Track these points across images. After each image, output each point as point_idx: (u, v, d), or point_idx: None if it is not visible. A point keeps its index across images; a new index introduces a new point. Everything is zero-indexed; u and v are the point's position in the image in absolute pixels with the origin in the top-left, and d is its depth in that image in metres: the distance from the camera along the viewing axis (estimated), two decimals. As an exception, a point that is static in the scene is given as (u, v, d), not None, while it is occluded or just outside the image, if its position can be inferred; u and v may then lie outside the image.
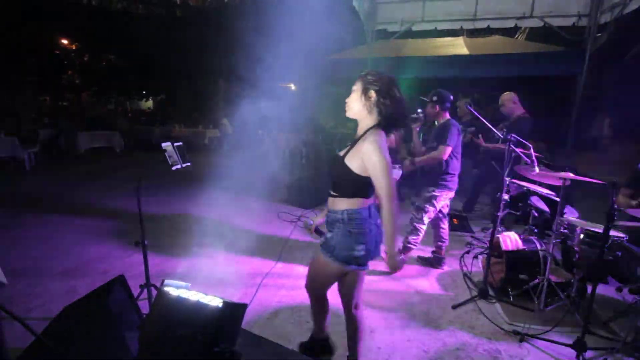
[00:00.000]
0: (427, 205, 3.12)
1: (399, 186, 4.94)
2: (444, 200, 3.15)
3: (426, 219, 3.17)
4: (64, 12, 11.12)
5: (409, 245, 3.23)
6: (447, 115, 3.18)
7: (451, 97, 3.16)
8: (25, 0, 10.50)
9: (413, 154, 3.54)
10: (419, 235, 3.20)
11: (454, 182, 3.14)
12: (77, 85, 16.64)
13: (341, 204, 1.61)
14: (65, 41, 15.13)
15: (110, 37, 13.15)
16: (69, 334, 1.48)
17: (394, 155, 4.24)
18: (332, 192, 1.66)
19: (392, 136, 4.09)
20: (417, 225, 3.18)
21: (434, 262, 3.36)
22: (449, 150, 3.04)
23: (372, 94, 1.57)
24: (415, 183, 6.13)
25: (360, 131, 1.63)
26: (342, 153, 1.62)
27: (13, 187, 6.10)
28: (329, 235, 1.64)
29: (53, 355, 1.33)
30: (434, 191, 3.10)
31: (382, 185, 1.50)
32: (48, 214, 4.60)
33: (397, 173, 4.34)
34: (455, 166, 3.14)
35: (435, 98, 3.12)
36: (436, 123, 3.28)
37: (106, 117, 14.59)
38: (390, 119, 1.59)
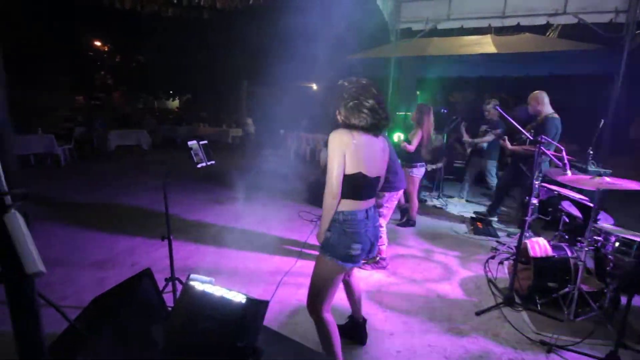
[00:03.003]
0: (381, 210, 3.15)
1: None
2: (395, 200, 3.21)
3: (383, 222, 3.22)
4: (97, 15, 11.64)
5: (379, 249, 3.23)
6: None
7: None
8: (59, 3, 11.05)
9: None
10: (381, 237, 3.19)
11: (400, 182, 3.16)
12: (108, 85, 17.40)
13: (339, 205, 1.67)
14: (98, 43, 15.86)
15: (141, 39, 13.66)
16: (99, 323, 1.54)
17: (418, 155, 4.17)
18: None
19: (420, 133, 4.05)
20: None
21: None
22: None
23: (335, 108, 1.71)
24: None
25: None
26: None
27: (50, 181, 6.44)
28: (327, 234, 1.69)
29: (85, 342, 1.40)
30: (384, 195, 3.13)
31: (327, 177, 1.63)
32: (81, 207, 4.83)
33: (420, 171, 4.28)
34: (397, 168, 3.15)
35: None
36: None
37: (135, 115, 15.18)
38: (355, 127, 1.66)
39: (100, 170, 7.74)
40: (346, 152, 1.59)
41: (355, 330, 2.24)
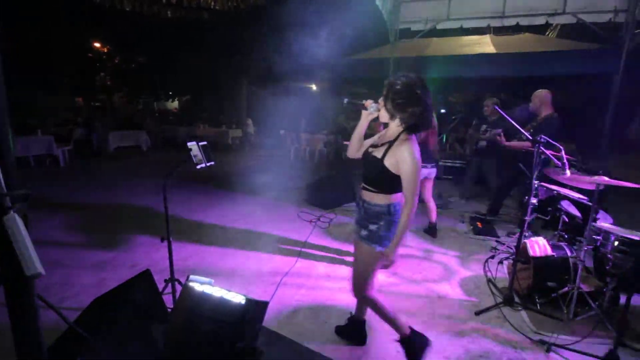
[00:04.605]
0: None
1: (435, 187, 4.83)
2: None
3: None
4: (98, 17, 11.65)
5: None
6: None
7: None
8: (60, 5, 11.07)
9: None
10: None
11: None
12: (108, 87, 17.40)
13: (383, 199, 1.78)
14: (97, 44, 15.86)
15: (140, 40, 13.66)
16: (99, 324, 1.54)
17: (429, 155, 4.15)
18: (369, 187, 1.81)
19: (430, 139, 4.01)
20: None
21: None
22: None
23: (393, 102, 1.70)
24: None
25: (390, 135, 1.77)
26: (378, 155, 1.75)
27: (48, 183, 6.44)
28: (372, 227, 1.78)
29: (85, 343, 1.40)
30: None
31: (410, 185, 1.68)
32: (80, 209, 4.83)
33: (432, 172, 4.25)
34: None
35: None
36: None
37: (135, 117, 15.19)
38: (412, 127, 1.73)
39: (99, 171, 7.75)
40: None
41: (355, 330, 2.24)
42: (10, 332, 0.94)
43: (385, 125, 1.84)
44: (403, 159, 1.67)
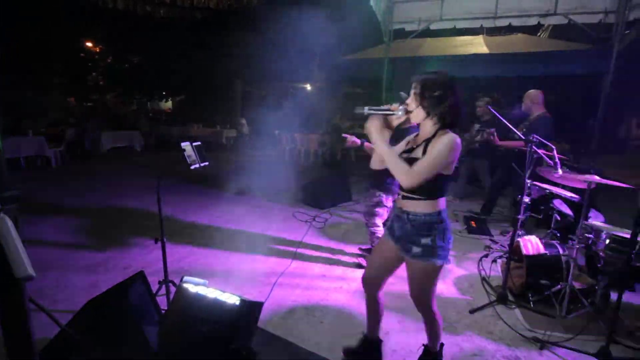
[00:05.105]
0: (378, 209, 3.17)
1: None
2: (390, 202, 3.19)
3: (379, 221, 3.22)
4: (90, 16, 11.53)
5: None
6: None
7: None
8: (52, 4, 10.94)
9: None
10: (378, 238, 3.19)
11: (397, 186, 3.13)
12: (101, 87, 17.21)
13: (430, 206, 1.61)
14: (90, 44, 15.69)
15: (133, 39, 13.54)
16: (92, 327, 1.53)
17: None
18: (412, 195, 1.63)
19: None
20: (373, 229, 3.23)
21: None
22: None
23: (430, 97, 1.59)
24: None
25: (427, 133, 1.63)
26: (418, 155, 1.59)
27: (40, 184, 6.35)
28: (425, 240, 1.60)
29: (77, 346, 1.38)
30: (381, 196, 3.13)
31: (430, 158, 1.51)
32: (72, 210, 4.77)
33: None
34: None
35: None
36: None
37: (129, 117, 15.05)
38: (449, 123, 1.59)
39: (92, 172, 7.66)
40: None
41: (369, 352, 2.03)
42: (1, 336, 0.93)
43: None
44: (439, 141, 1.53)
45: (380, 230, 3.25)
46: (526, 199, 2.77)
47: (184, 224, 4.37)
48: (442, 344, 1.93)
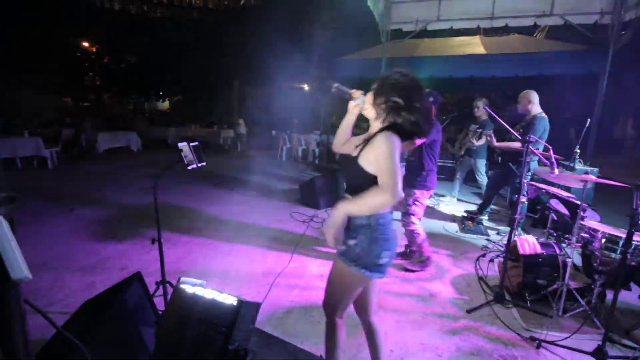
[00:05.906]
0: (414, 207, 3.17)
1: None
2: (425, 199, 3.19)
3: (416, 220, 3.20)
4: (86, 16, 11.49)
5: (421, 249, 3.21)
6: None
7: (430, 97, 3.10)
8: (49, 5, 10.89)
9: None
10: (419, 235, 3.20)
11: (431, 181, 3.15)
12: (97, 87, 17.15)
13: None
14: (86, 44, 15.62)
15: (130, 39, 13.50)
16: (88, 328, 1.52)
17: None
18: (347, 195, 1.52)
19: None
20: (411, 228, 3.21)
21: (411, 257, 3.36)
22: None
23: (383, 100, 1.47)
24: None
25: (371, 131, 1.53)
26: (355, 154, 1.50)
27: (36, 184, 6.31)
28: (351, 242, 1.49)
29: (74, 348, 1.38)
30: (414, 193, 3.13)
31: (384, 166, 1.36)
32: (69, 211, 4.75)
33: None
34: (430, 165, 3.13)
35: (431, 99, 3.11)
36: None
37: (125, 117, 14.99)
38: (401, 131, 1.46)
39: (88, 172, 7.62)
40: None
41: None
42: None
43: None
44: (376, 145, 1.40)
45: (419, 229, 3.21)
46: (523, 199, 2.79)
47: (181, 224, 4.35)
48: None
